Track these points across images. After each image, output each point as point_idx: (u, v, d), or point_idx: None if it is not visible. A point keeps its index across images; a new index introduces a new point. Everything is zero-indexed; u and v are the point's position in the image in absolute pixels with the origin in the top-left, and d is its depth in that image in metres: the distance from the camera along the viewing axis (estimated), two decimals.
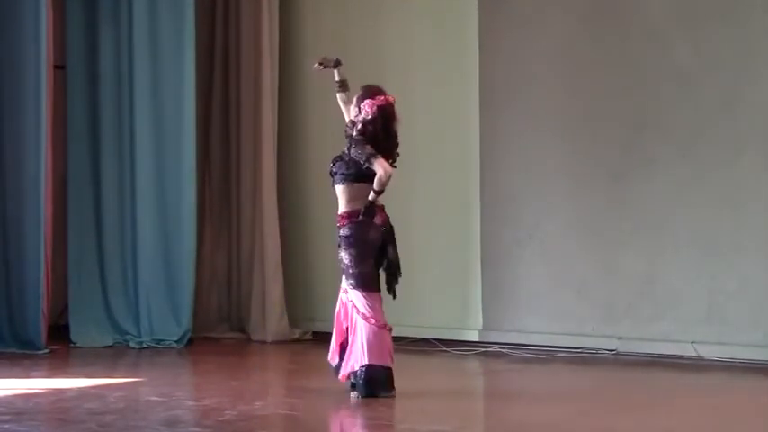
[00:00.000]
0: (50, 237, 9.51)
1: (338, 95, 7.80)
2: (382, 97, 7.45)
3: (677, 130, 9.09)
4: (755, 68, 8.83)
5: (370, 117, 7.38)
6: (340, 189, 7.43)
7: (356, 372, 7.31)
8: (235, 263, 10.71)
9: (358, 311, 7.34)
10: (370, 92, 7.48)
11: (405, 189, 9.24)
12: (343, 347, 7.44)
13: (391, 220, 7.46)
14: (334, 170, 7.43)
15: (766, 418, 7.17)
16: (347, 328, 7.42)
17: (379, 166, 7.22)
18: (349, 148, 7.37)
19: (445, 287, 9.95)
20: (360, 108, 7.43)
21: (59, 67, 10.01)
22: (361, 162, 7.29)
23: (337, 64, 7.80)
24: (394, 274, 7.42)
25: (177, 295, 10.03)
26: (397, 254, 7.43)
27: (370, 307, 7.32)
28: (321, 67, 7.87)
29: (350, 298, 7.39)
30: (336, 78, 7.79)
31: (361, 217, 7.32)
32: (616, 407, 7.33)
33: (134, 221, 10.02)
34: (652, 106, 9.18)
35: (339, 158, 7.43)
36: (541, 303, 9.55)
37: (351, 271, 7.36)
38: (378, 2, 10.40)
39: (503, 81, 9.73)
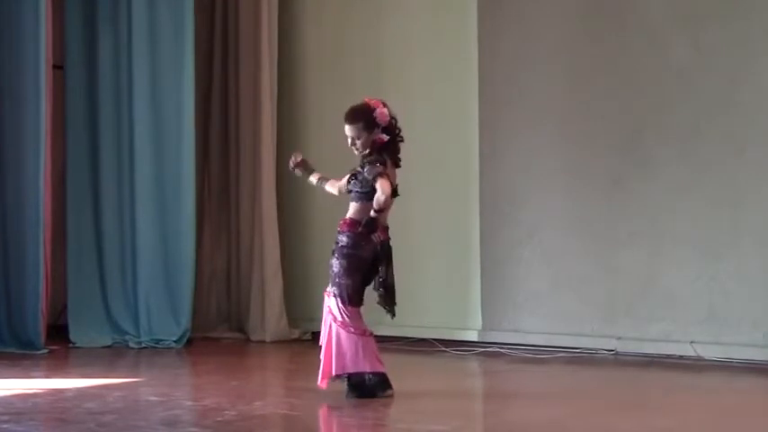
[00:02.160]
0: (50, 237, 9.52)
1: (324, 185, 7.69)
2: (375, 101, 7.39)
3: (677, 129, 9.09)
4: (755, 68, 8.84)
5: (388, 119, 7.33)
6: (354, 205, 7.38)
7: (345, 379, 7.32)
8: (234, 263, 10.71)
9: (335, 319, 7.31)
10: (366, 106, 7.35)
11: (404, 189, 9.22)
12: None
13: (391, 219, 7.44)
14: (349, 188, 7.38)
15: (766, 418, 7.16)
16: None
17: (380, 187, 7.16)
18: (362, 167, 7.32)
19: (445, 287, 9.95)
20: (375, 123, 7.30)
21: (58, 67, 10.02)
22: (370, 178, 7.24)
23: (304, 168, 7.73)
24: (388, 294, 7.37)
25: (176, 295, 10.04)
26: (392, 275, 7.36)
27: (348, 317, 7.30)
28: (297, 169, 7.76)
29: (328, 303, 7.37)
30: (313, 181, 7.71)
31: (360, 228, 7.30)
32: (615, 407, 7.33)
33: (133, 221, 10.02)
34: (651, 106, 9.18)
35: (354, 176, 7.36)
36: (541, 303, 9.55)
37: (337, 280, 7.33)
38: (377, 2, 10.41)
39: (502, 81, 9.73)
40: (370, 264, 7.34)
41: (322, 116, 10.49)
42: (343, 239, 7.34)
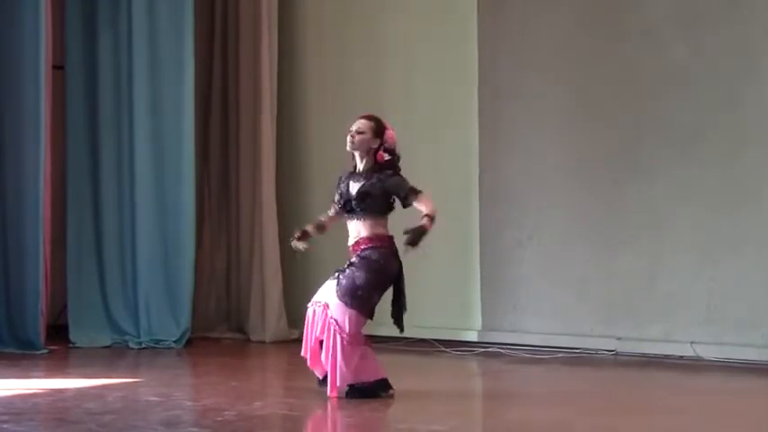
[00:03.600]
0: (49, 237, 9.51)
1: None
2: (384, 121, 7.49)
3: (677, 130, 9.09)
4: (755, 68, 8.84)
5: (395, 144, 7.41)
6: (362, 223, 7.35)
7: (354, 388, 7.30)
8: (234, 263, 10.71)
9: (341, 331, 7.24)
10: (382, 122, 7.45)
11: None
12: (319, 360, 7.40)
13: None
14: (362, 206, 7.31)
15: (765, 419, 7.17)
16: (321, 343, 7.35)
17: (425, 205, 7.23)
18: (381, 180, 7.31)
19: (445, 288, 9.94)
20: (382, 138, 7.38)
21: (58, 67, 10.01)
22: (400, 195, 7.29)
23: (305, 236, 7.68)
24: (403, 307, 7.41)
25: (176, 296, 10.03)
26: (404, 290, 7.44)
27: (356, 327, 7.27)
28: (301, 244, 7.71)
29: (332, 315, 7.28)
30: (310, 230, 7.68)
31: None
32: (615, 407, 7.33)
33: (133, 222, 10.02)
34: (652, 106, 9.18)
35: (367, 195, 7.32)
36: (541, 304, 9.55)
37: (359, 293, 7.25)
38: (378, 2, 10.41)
39: (502, 81, 9.73)
40: (393, 279, 7.35)
41: (322, 116, 10.48)
42: (375, 254, 7.30)
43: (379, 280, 7.30)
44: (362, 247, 7.33)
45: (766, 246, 8.77)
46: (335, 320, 7.27)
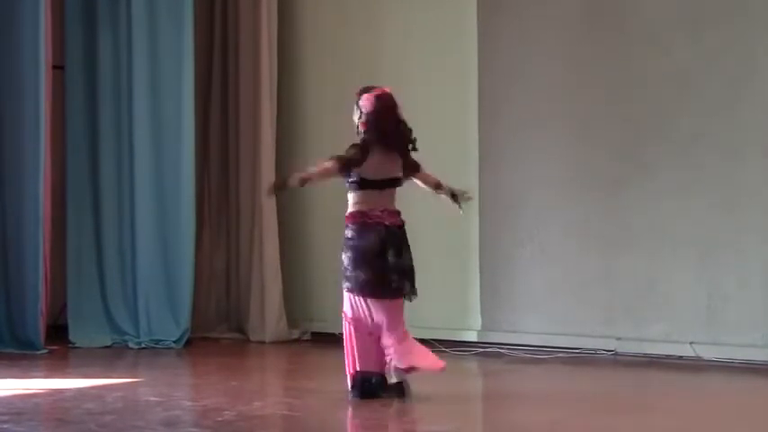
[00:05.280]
0: (49, 237, 9.52)
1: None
2: (377, 89, 7.46)
3: (677, 132, 9.09)
4: (755, 69, 8.83)
5: (371, 109, 7.39)
6: (349, 195, 7.43)
7: (355, 386, 7.32)
8: (234, 263, 10.71)
9: (346, 316, 7.32)
10: (364, 90, 7.48)
11: (404, 189, 9.24)
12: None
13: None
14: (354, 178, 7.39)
15: (764, 419, 7.17)
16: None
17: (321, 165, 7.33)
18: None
19: (444, 287, 9.93)
20: (360, 109, 7.42)
21: (58, 67, 10.02)
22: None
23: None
24: (405, 278, 7.40)
25: (176, 295, 10.03)
26: (409, 258, 7.43)
27: (355, 308, 7.29)
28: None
29: (343, 307, 7.36)
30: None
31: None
32: (615, 407, 7.33)
33: (133, 222, 10.02)
34: (652, 108, 9.18)
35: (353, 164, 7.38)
36: (540, 304, 9.55)
37: (346, 273, 7.34)
38: (377, 2, 10.40)
39: (502, 84, 9.73)
40: (376, 252, 7.32)
41: (322, 116, 10.48)
42: (348, 233, 7.36)
43: (356, 256, 7.30)
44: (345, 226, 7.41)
45: (766, 246, 8.77)
46: (343, 309, 7.34)
